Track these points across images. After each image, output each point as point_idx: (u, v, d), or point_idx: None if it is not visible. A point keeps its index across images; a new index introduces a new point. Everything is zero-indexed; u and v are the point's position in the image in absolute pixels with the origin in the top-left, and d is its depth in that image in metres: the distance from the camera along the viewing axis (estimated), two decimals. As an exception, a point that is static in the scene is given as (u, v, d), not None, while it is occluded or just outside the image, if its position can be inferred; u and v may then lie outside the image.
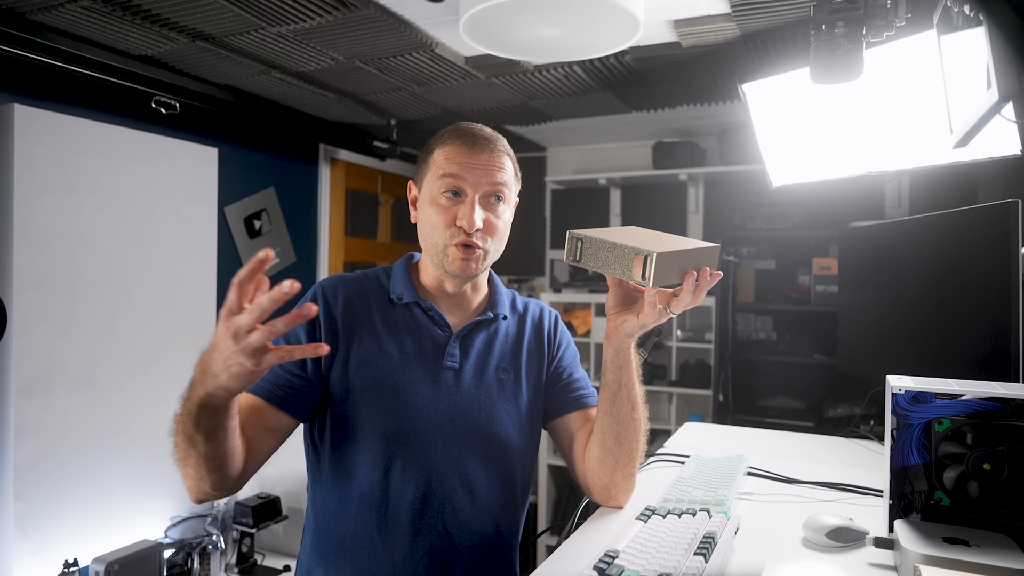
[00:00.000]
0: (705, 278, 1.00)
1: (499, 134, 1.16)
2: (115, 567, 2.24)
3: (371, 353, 1.10)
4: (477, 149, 1.10)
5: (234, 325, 0.79)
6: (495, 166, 1.11)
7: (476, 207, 1.08)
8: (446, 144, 1.12)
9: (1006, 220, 1.21)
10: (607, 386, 1.10)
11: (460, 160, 1.09)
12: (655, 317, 1.02)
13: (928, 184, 3.04)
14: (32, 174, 2.24)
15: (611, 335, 1.08)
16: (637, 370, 1.10)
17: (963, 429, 0.94)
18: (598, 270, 1.00)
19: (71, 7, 1.96)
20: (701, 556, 0.89)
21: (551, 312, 1.29)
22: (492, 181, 1.10)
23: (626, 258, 0.96)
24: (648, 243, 0.98)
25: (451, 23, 2.07)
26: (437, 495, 1.08)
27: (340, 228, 3.75)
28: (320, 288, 1.14)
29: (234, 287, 0.79)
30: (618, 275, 0.97)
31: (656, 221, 3.86)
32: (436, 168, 1.11)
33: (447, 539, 1.08)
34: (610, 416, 1.10)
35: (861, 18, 1.32)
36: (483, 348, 1.17)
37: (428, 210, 1.11)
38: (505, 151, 1.14)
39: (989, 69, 0.89)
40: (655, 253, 0.93)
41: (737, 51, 2.24)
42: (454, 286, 1.16)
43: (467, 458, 1.10)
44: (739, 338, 3.43)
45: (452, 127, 1.15)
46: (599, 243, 0.99)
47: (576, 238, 1.02)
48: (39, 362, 2.27)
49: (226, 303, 0.80)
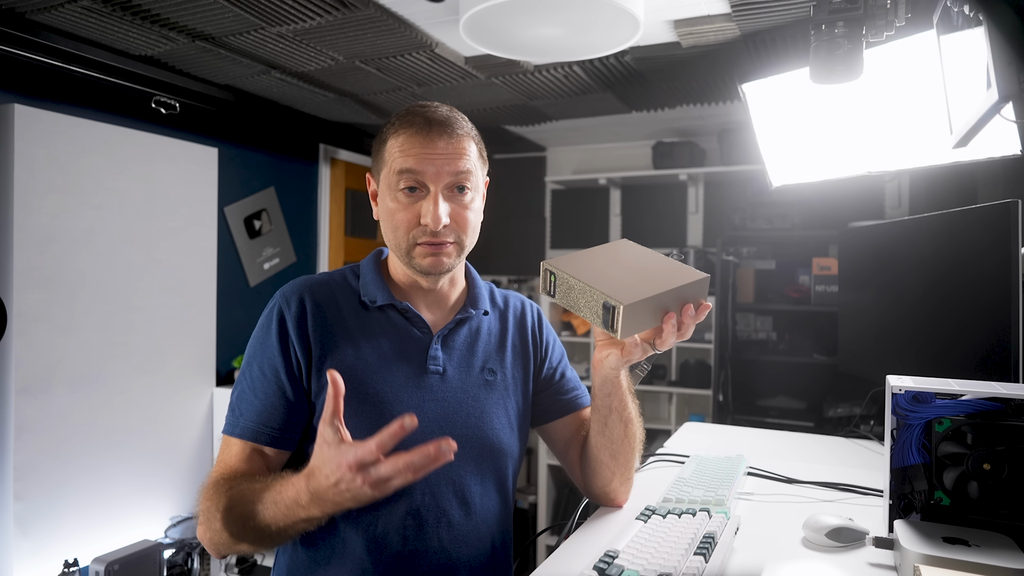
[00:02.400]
0: (689, 315, 0.93)
1: (457, 112, 1.05)
2: (115, 567, 2.24)
3: (348, 361, 1.00)
4: (433, 136, 0.98)
5: (373, 476, 0.77)
6: (455, 152, 0.99)
7: (439, 201, 0.98)
8: (399, 133, 1.00)
9: (1006, 220, 1.21)
10: (598, 409, 1.06)
11: (415, 151, 0.98)
12: (639, 353, 0.96)
13: (928, 184, 3.04)
14: (32, 174, 2.24)
15: (596, 366, 1.02)
16: (629, 388, 1.06)
17: (963, 429, 0.94)
18: (571, 309, 0.92)
19: (71, 7, 1.96)
20: (701, 556, 0.89)
21: (533, 306, 1.22)
22: (454, 171, 0.99)
23: (595, 304, 0.88)
24: (621, 285, 0.88)
25: (451, 23, 2.07)
26: (431, 510, 1.00)
27: (340, 228, 3.75)
28: (283, 298, 1.03)
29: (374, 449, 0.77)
30: (588, 319, 0.89)
31: (656, 221, 3.87)
32: (391, 161, 1.00)
33: (445, 558, 1.01)
34: (603, 436, 1.07)
35: (861, 18, 1.32)
36: (466, 348, 1.09)
37: (388, 206, 1.01)
38: (465, 133, 1.02)
39: (989, 69, 0.89)
40: (622, 306, 0.84)
41: (737, 51, 2.24)
42: (429, 282, 1.07)
43: (459, 467, 1.02)
44: (739, 338, 3.43)
45: (404, 111, 1.02)
46: (570, 281, 0.91)
47: (548, 271, 0.94)
48: (39, 362, 2.27)
49: (359, 457, 0.77)
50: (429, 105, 1.03)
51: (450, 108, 1.05)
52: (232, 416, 1.01)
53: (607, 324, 0.87)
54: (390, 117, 1.05)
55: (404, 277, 1.09)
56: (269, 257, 3.31)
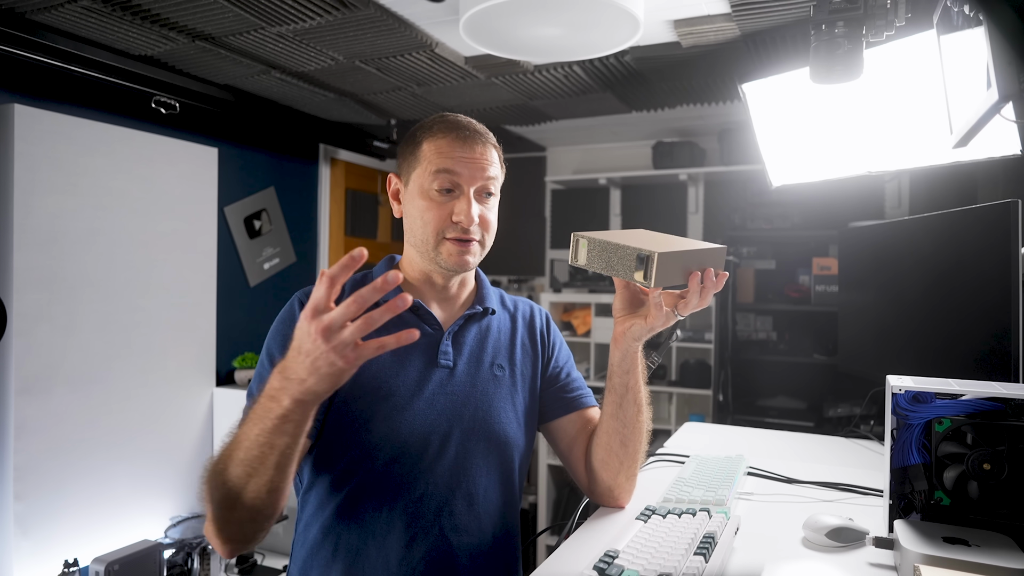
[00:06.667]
0: (711, 279, 0.99)
1: (483, 125, 1.14)
2: (115, 567, 2.24)
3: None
4: (470, 143, 1.07)
5: (325, 321, 0.74)
6: (487, 160, 1.09)
7: (472, 202, 1.06)
8: (437, 137, 1.08)
9: (1006, 220, 1.21)
10: (613, 390, 1.08)
11: (455, 155, 1.06)
12: (663, 320, 1.01)
13: (928, 184, 3.04)
14: (32, 174, 2.24)
15: (618, 339, 1.06)
16: (643, 373, 1.09)
17: (963, 429, 0.94)
18: (601, 271, 1.00)
19: (71, 7, 1.96)
20: (701, 556, 0.89)
21: (542, 311, 1.28)
22: (485, 176, 1.08)
23: (628, 259, 0.96)
24: (651, 244, 0.97)
25: (451, 23, 2.07)
26: (434, 499, 1.04)
27: (340, 228, 3.75)
28: (303, 294, 1.09)
29: (324, 283, 0.75)
30: (621, 276, 0.97)
31: (656, 221, 3.86)
32: (428, 162, 1.07)
33: (445, 544, 1.05)
34: (616, 419, 1.09)
35: (861, 18, 1.32)
36: (476, 344, 1.14)
37: (419, 204, 1.08)
38: (493, 144, 1.12)
39: (989, 69, 0.89)
40: (656, 253, 0.92)
41: (737, 51, 2.24)
42: (443, 279, 1.13)
43: (465, 458, 1.07)
44: (739, 338, 3.43)
45: (439, 117, 1.11)
46: (602, 244, 0.99)
47: (580, 239, 1.02)
48: (39, 362, 2.27)
49: (313, 301, 0.75)
50: (462, 117, 1.12)
51: (478, 122, 1.14)
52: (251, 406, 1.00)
53: (643, 276, 0.94)
54: (412, 124, 1.11)
55: (418, 275, 1.14)
56: (269, 257, 3.31)
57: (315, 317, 0.75)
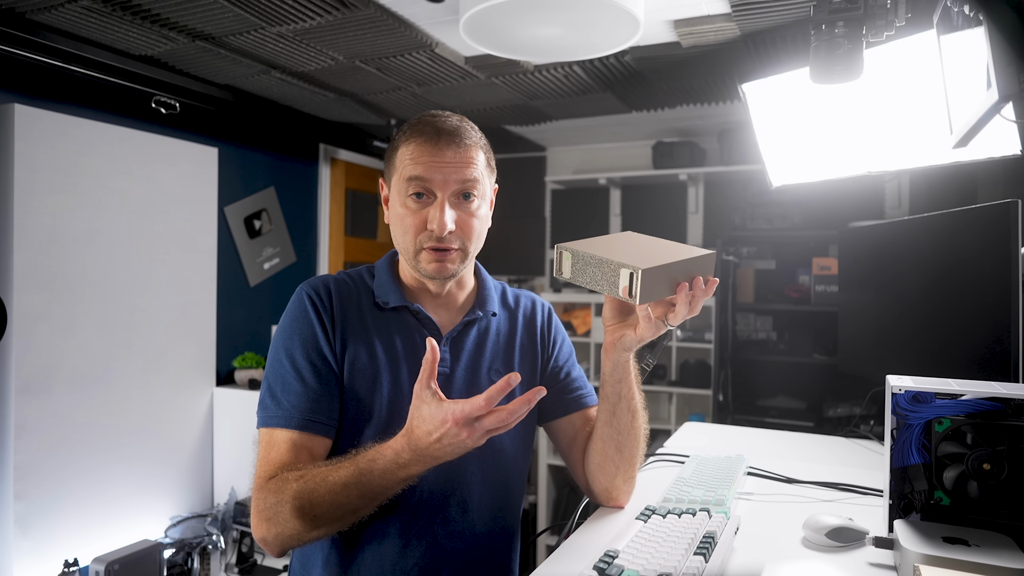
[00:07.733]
0: (700, 287, 0.96)
1: (467, 122, 1.08)
2: (115, 567, 2.24)
3: (362, 358, 1.05)
4: (442, 145, 1.02)
5: (479, 428, 0.83)
6: (463, 161, 1.03)
7: (446, 208, 1.01)
8: (409, 141, 1.03)
9: (1006, 220, 1.21)
10: (606, 398, 1.07)
11: (425, 160, 1.01)
12: (652, 331, 0.98)
13: (928, 184, 3.04)
14: (32, 174, 2.24)
15: (609, 349, 1.04)
16: (636, 379, 1.08)
17: (963, 429, 0.94)
18: (586, 286, 0.96)
19: (71, 7, 1.96)
20: (701, 556, 0.89)
21: (544, 305, 1.24)
22: (461, 179, 1.02)
23: (612, 274, 0.92)
24: (636, 257, 0.93)
25: (451, 23, 2.07)
26: (428, 505, 1.04)
27: (340, 228, 3.75)
28: (310, 287, 1.07)
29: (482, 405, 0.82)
30: (605, 291, 0.94)
31: (656, 221, 3.86)
32: (401, 168, 1.04)
33: (439, 550, 1.04)
34: (610, 427, 1.08)
35: (861, 18, 1.32)
36: (474, 349, 1.12)
37: (398, 212, 1.05)
38: (474, 143, 1.05)
39: (989, 69, 0.89)
40: (641, 269, 0.88)
41: (737, 51, 2.24)
42: (436, 286, 1.11)
43: (459, 465, 1.03)
44: (739, 338, 3.43)
45: (415, 120, 1.06)
46: (586, 258, 0.95)
47: (563, 251, 0.97)
48: (39, 362, 2.27)
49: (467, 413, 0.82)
50: (440, 115, 1.06)
51: (460, 118, 1.08)
52: (275, 407, 1.00)
53: (627, 292, 0.91)
54: (402, 124, 1.08)
55: (413, 280, 1.12)
56: (269, 257, 3.31)
57: (469, 423, 0.83)
